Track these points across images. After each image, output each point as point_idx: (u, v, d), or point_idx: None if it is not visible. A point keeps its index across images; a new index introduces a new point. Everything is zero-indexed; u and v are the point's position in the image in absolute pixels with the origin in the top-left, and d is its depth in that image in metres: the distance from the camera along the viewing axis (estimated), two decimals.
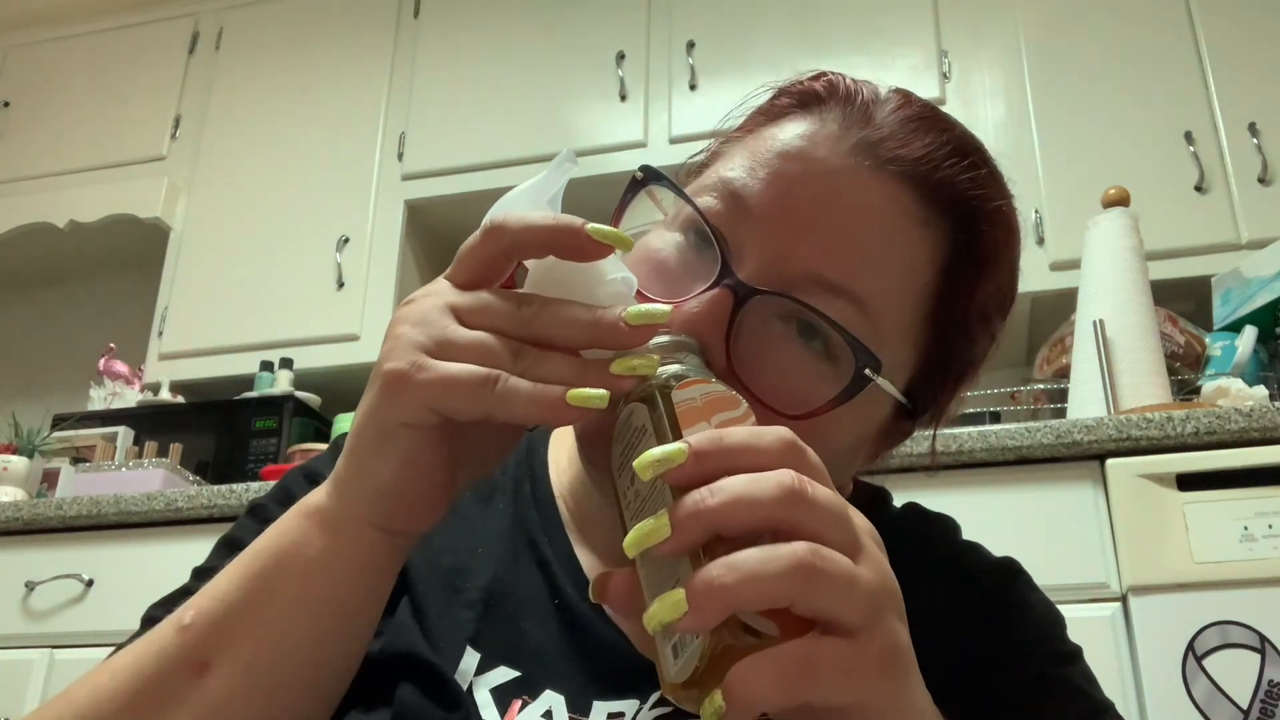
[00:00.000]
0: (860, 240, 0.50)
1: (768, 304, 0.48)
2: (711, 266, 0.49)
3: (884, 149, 0.51)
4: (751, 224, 0.50)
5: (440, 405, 0.39)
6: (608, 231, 0.40)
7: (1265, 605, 1.30)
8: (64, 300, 3.01)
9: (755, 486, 0.33)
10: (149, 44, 2.82)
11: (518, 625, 0.55)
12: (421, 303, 0.41)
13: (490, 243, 0.41)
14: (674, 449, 0.34)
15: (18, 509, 1.82)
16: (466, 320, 0.40)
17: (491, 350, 0.39)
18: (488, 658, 0.53)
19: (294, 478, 0.62)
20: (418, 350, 0.39)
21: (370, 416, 0.41)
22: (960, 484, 1.48)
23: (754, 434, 0.35)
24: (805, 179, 0.50)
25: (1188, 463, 1.39)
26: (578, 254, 0.40)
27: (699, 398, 0.38)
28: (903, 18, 2.28)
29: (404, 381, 0.39)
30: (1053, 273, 2.00)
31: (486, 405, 0.38)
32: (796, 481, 0.34)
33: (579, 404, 0.38)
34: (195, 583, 0.56)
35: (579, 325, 0.40)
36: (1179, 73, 2.07)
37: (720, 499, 0.33)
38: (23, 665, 1.73)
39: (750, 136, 0.55)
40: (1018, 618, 0.60)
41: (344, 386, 2.40)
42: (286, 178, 2.56)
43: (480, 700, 0.52)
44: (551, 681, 0.53)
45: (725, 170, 0.52)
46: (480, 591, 0.56)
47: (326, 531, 0.43)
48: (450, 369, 0.38)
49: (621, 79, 2.39)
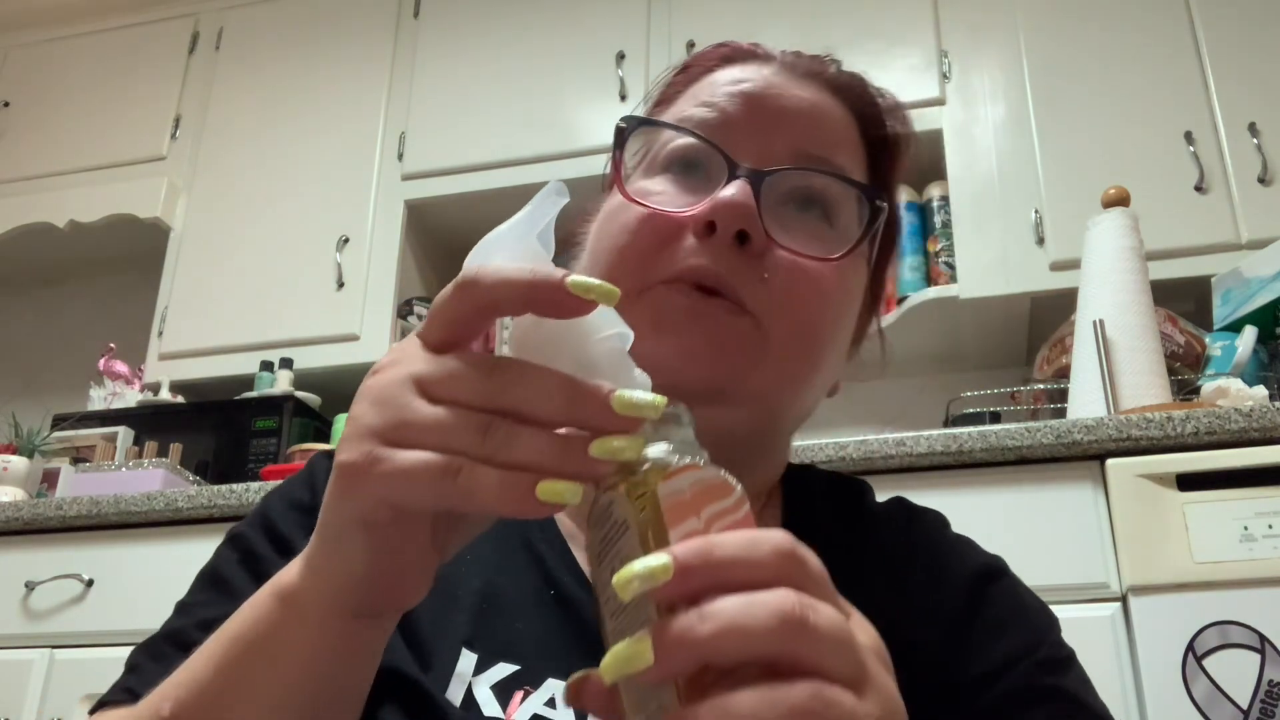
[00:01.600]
0: (821, 122, 0.61)
1: (773, 184, 0.56)
2: (713, 179, 0.57)
3: (799, 68, 0.63)
4: (732, 130, 0.59)
5: (397, 500, 0.35)
6: (591, 285, 0.36)
7: (1265, 605, 1.29)
8: (64, 300, 3.01)
9: (750, 613, 0.30)
10: (149, 44, 2.82)
11: (513, 624, 0.55)
12: (385, 374, 0.37)
13: (463, 299, 0.37)
14: (657, 564, 0.30)
15: (18, 509, 1.82)
16: (431, 393, 0.36)
17: (454, 430, 0.35)
18: (485, 656, 0.54)
19: (274, 505, 0.61)
20: (373, 438, 0.35)
21: (332, 510, 0.38)
22: (960, 484, 1.48)
23: (748, 544, 0.31)
24: (759, 91, 0.60)
25: (1188, 463, 1.39)
26: (557, 311, 0.36)
27: (687, 489, 0.34)
28: (903, 18, 2.28)
29: (358, 476, 0.35)
30: (1053, 273, 2.00)
31: (447, 499, 0.34)
32: (797, 607, 0.30)
33: (550, 499, 0.34)
34: (174, 621, 0.57)
35: (556, 401, 0.35)
36: (1179, 73, 2.07)
37: (711, 627, 0.29)
38: (23, 665, 1.73)
39: (682, 95, 0.64)
40: (1006, 622, 0.59)
41: (344, 386, 2.40)
42: (286, 177, 2.56)
43: (481, 698, 0.52)
44: (552, 670, 0.53)
45: (683, 112, 0.61)
46: (474, 596, 0.56)
47: (301, 621, 0.40)
48: (406, 461, 0.34)
49: (621, 79, 2.39)
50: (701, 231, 0.55)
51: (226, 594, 0.56)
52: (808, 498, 0.65)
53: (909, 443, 1.48)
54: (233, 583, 0.56)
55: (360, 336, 2.36)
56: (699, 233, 0.55)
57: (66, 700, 1.68)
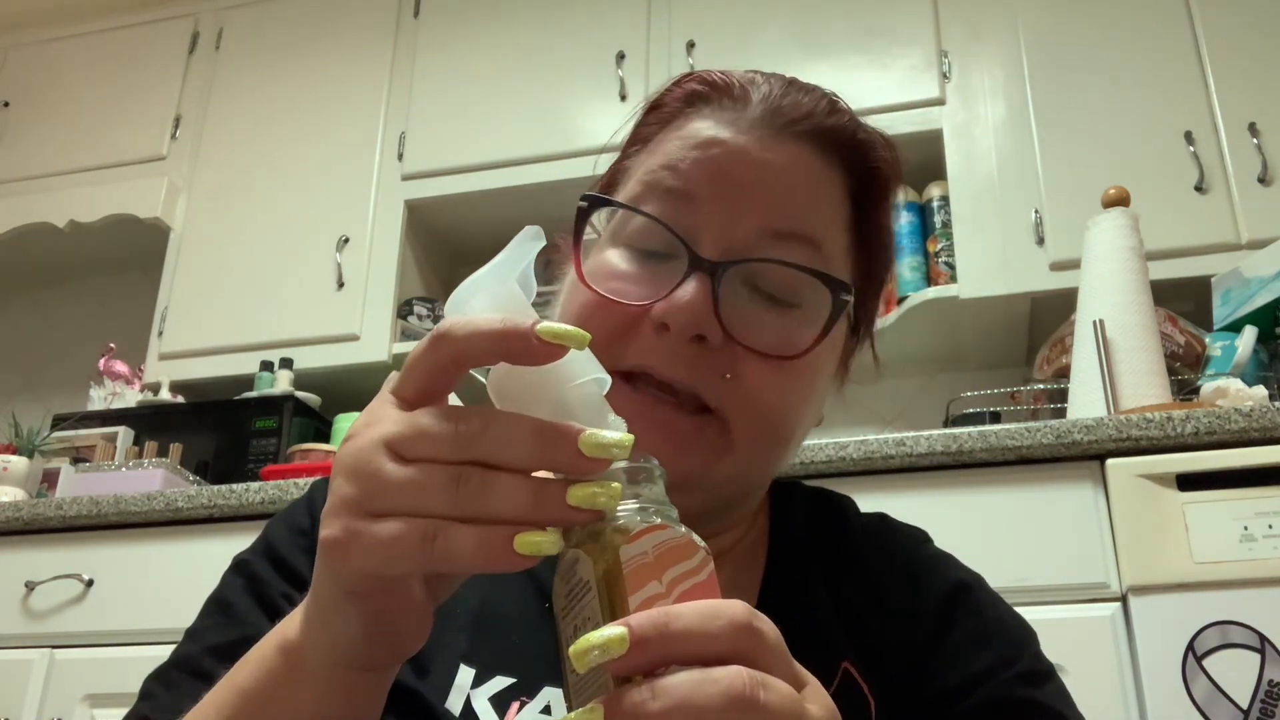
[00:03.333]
0: (792, 191, 0.57)
1: (736, 274, 0.54)
2: (673, 263, 0.55)
3: (778, 118, 0.58)
4: (694, 208, 0.56)
5: (379, 572, 0.36)
6: (560, 331, 0.36)
7: (1265, 605, 1.29)
8: (64, 300, 3.01)
9: (701, 691, 0.30)
10: (149, 44, 2.82)
11: (510, 639, 0.56)
12: (358, 440, 0.37)
13: (435, 353, 0.37)
14: (614, 636, 0.31)
15: (18, 509, 1.82)
16: (403, 454, 0.36)
17: (427, 490, 0.35)
18: (483, 670, 0.55)
19: (277, 531, 0.62)
20: (350, 512, 0.36)
21: (321, 582, 0.39)
22: (960, 484, 1.48)
23: (705, 617, 0.32)
24: (727, 158, 0.57)
25: (1188, 463, 1.39)
26: (530, 359, 0.36)
27: (650, 551, 0.34)
28: (903, 18, 2.28)
29: (340, 552, 0.36)
30: (1053, 273, 2.00)
31: (427, 564, 0.34)
32: (749, 687, 0.31)
33: (528, 552, 0.34)
34: (184, 647, 0.57)
35: (527, 447, 0.35)
36: (1179, 73, 2.07)
37: (661, 705, 0.30)
38: (23, 665, 1.73)
39: (651, 144, 0.61)
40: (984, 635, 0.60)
41: (344, 386, 2.40)
42: (286, 178, 2.56)
43: (480, 709, 0.53)
44: (549, 680, 0.54)
45: (646, 176, 0.58)
46: (470, 615, 0.57)
47: (306, 676, 0.41)
48: (384, 533, 0.35)
49: (621, 79, 2.39)
50: (659, 328, 0.53)
51: (233, 620, 0.57)
52: (791, 516, 0.66)
53: (909, 443, 1.48)
54: (239, 609, 0.57)
55: (360, 336, 2.36)
56: (656, 328, 0.53)
57: (66, 700, 1.68)
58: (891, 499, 1.47)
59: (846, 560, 0.63)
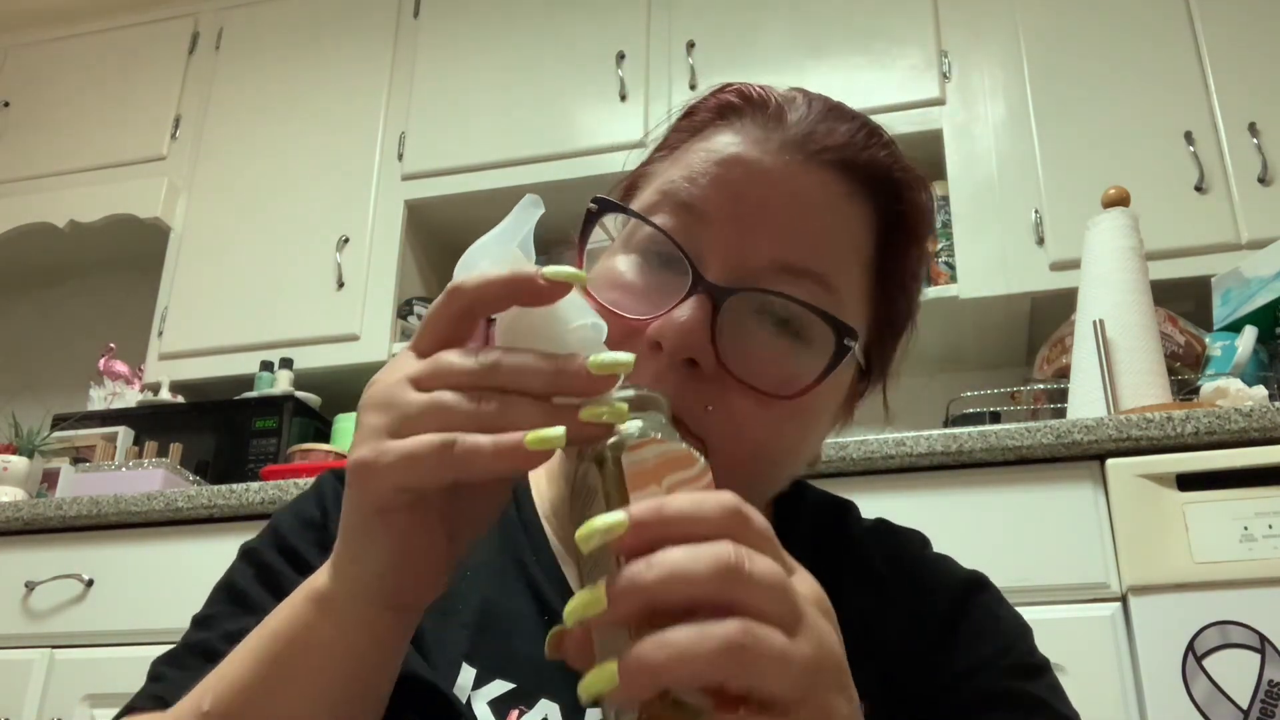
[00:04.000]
0: (810, 225, 0.54)
1: (742, 300, 0.52)
2: (679, 278, 0.52)
3: (810, 143, 0.55)
4: (707, 228, 0.54)
5: (405, 483, 0.39)
6: (562, 271, 0.40)
7: (1265, 605, 1.29)
8: (64, 300, 3.01)
9: (692, 561, 0.33)
10: (149, 44, 2.82)
11: (510, 641, 0.56)
12: (382, 381, 0.41)
13: (450, 304, 0.41)
14: (614, 520, 0.34)
15: (18, 509, 1.82)
16: (425, 386, 0.40)
17: (448, 409, 0.39)
18: (483, 672, 0.55)
19: (285, 521, 0.62)
20: (379, 434, 0.39)
21: (350, 507, 0.41)
22: (960, 484, 1.48)
23: (696, 502, 0.35)
24: (747, 179, 0.54)
25: (1188, 463, 1.39)
26: (536, 298, 0.40)
27: (651, 459, 0.37)
28: (903, 18, 2.28)
29: (368, 469, 0.39)
30: (1053, 273, 2.00)
31: (449, 470, 0.38)
32: (734, 556, 0.33)
33: (539, 446, 0.37)
34: (195, 633, 0.57)
35: (541, 373, 0.39)
36: (1179, 73, 2.07)
37: (656, 574, 0.33)
38: (23, 665, 1.73)
39: (677, 152, 0.59)
40: (981, 631, 0.60)
41: (344, 386, 2.40)
42: (286, 177, 2.56)
43: (479, 713, 0.53)
44: (546, 692, 0.54)
45: (666, 185, 0.56)
46: (473, 612, 0.57)
47: (333, 618, 0.43)
48: (406, 445, 0.38)
49: (621, 79, 2.39)
50: (653, 346, 0.51)
51: (245, 608, 0.57)
52: (795, 518, 0.66)
53: (909, 443, 1.48)
54: (251, 597, 0.57)
55: (360, 336, 2.36)
56: (650, 346, 0.51)
57: (66, 700, 1.68)
58: (891, 499, 1.47)
59: (849, 563, 0.63)
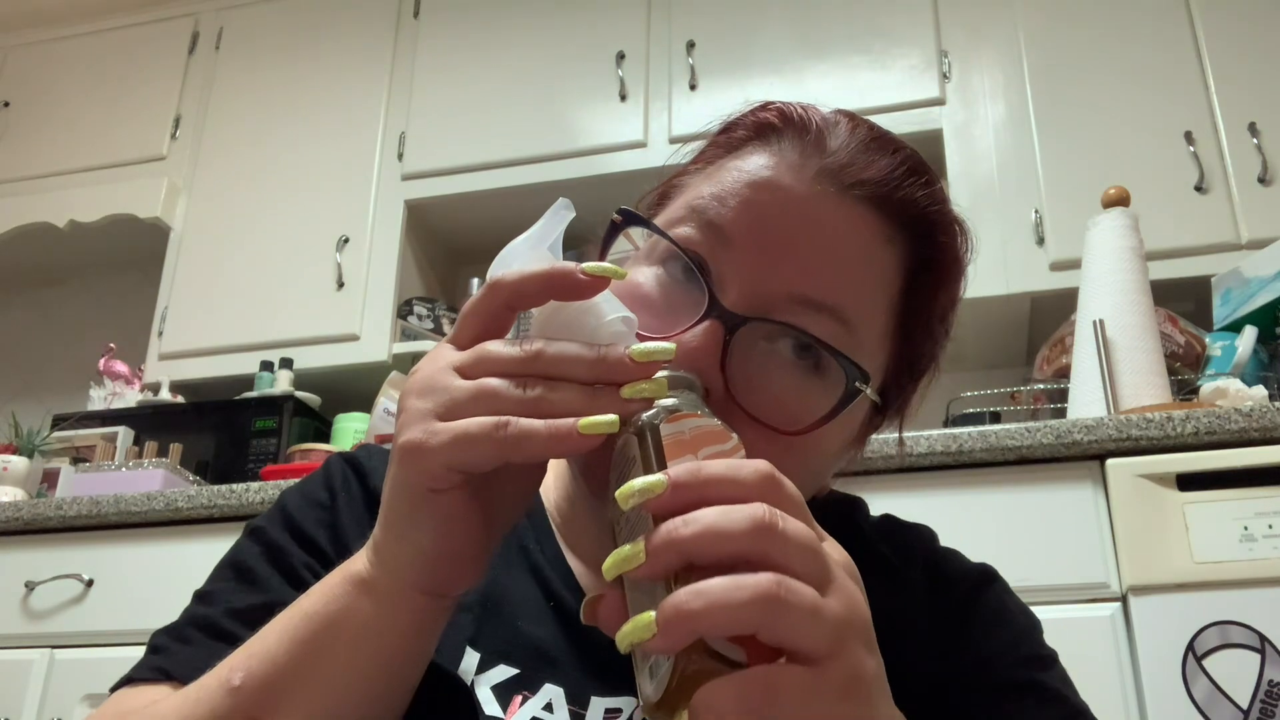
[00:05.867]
0: (835, 259, 0.52)
1: (756, 329, 0.50)
2: (697, 298, 0.51)
3: (846, 175, 0.53)
4: (730, 252, 0.52)
5: (458, 462, 0.40)
6: (601, 266, 0.42)
7: (1265, 605, 1.29)
8: (64, 300, 3.01)
9: (727, 518, 0.34)
10: (149, 44, 2.82)
11: (514, 626, 0.56)
12: (425, 369, 0.42)
13: (490, 298, 0.42)
14: (654, 480, 0.35)
15: (18, 509, 1.82)
16: (470, 374, 0.41)
17: (496, 394, 0.40)
18: (487, 656, 0.55)
19: (293, 500, 0.61)
20: (428, 417, 0.40)
21: (398, 488, 0.42)
22: (960, 484, 1.48)
23: (732, 466, 0.36)
24: (776, 206, 0.52)
25: (1188, 463, 1.39)
26: (575, 292, 0.42)
27: (688, 431, 0.39)
28: (903, 18, 2.28)
29: (420, 449, 0.40)
30: (1053, 273, 2.00)
31: (502, 450, 0.39)
32: (768, 515, 0.34)
33: (591, 431, 0.39)
34: (198, 608, 0.57)
35: (584, 361, 0.41)
36: (1179, 73, 2.07)
37: (693, 529, 0.34)
38: (23, 665, 1.73)
39: (711, 168, 0.57)
40: (993, 623, 0.61)
41: (344, 386, 2.40)
42: (286, 177, 2.56)
43: (483, 697, 0.53)
44: (551, 677, 0.54)
45: (695, 201, 0.54)
46: (477, 595, 0.57)
47: (374, 600, 0.44)
48: (460, 425, 0.39)
49: (621, 79, 2.39)
50: None
51: (251, 584, 0.56)
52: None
53: (909, 443, 1.48)
54: (257, 573, 0.57)
55: (360, 336, 2.36)
56: None
57: (66, 700, 1.68)
58: (891, 499, 1.47)
59: (860, 558, 0.63)
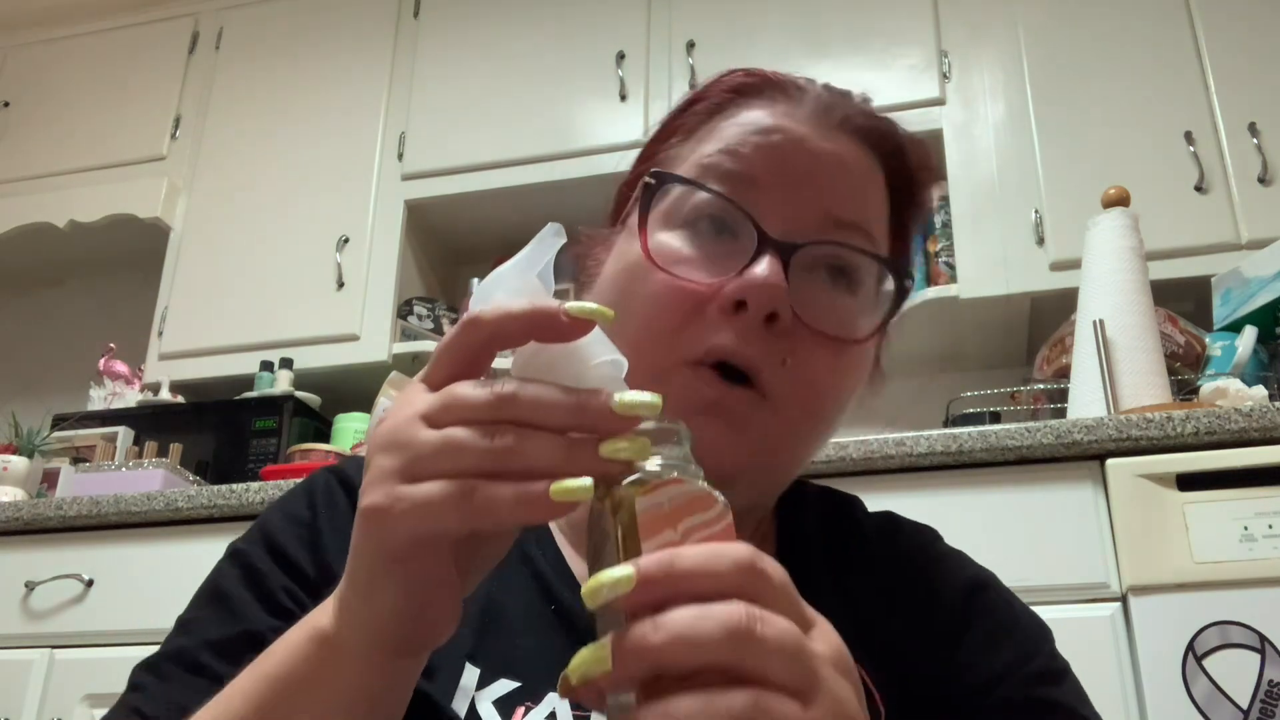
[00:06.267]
0: (849, 183, 0.58)
1: (801, 258, 0.54)
2: (734, 245, 0.55)
3: (832, 115, 0.59)
4: (758, 193, 0.56)
5: (422, 532, 0.37)
6: (586, 308, 0.38)
7: (1265, 605, 1.29)
8: (64, 300, 3.01)
9: (699, 624, 0.31)
10: (149, 44, 2.82)
11: (514, 639, 0.56)
12: (393, 419, 0.39)
13: (468, 336, 0.39)
14: (621, 575, 0.32)
15: (18, 509, 1.82)
16: (438, 421, 0.37)
17: (464, 448, 0.36)
18: (487, 672, 0.54)
19: (273, 520, 0.61)
20: (391, 479, 0.37)
21: (361, 554, 0.39)
22: (960, 484, 1.48)
23: (709, 556, 0.33)
24: (789, 145, 0.58)
25: (1188, 463, 1.39)
26: (558, 335, 0.38)
27: (667, 503, 0.35)
28: (903, 18, 2.28)
29: (383, 517, 0.37)
30: (1053, 273, 2.00)
31: (467, 520, 0.36)
32: (745, 619, 0.31)
33: (564, 498, 0.35)
34: (176, 639, 0.56)
35: (561, 406, 0.37)
36: (1179, 73, 2.07)
37: (662, 637, 0.31)
38: (22, 665, 1.73)
39: (701, 131, 0.61)
40: (995, 635, 0.60)
41: (344, 386, 2.40)
42: (286, 177, 2.56)
43: (484, 713, 0.53)
44: (553, 685, 0.53)
45: (704, 160, 0.58)
46: (476, 610, 0.56)
47: (341, 661, 0.41)
48: (423, 494, 0.36)
49: (621, 79, 2.39)
50: (729, 308, 0.53)
51: (229, 611, 0.56)
52: (800, 516, 0.66)
53: (909, 443, 1.48)
54: (236, 601, 0.56)
55: (360, 336, 2.36)
56: (726, 309, 0.53)
57: (66, 700, 1.68)
58: (891, 499, 1.47)
59: (857, 560, 0.63)
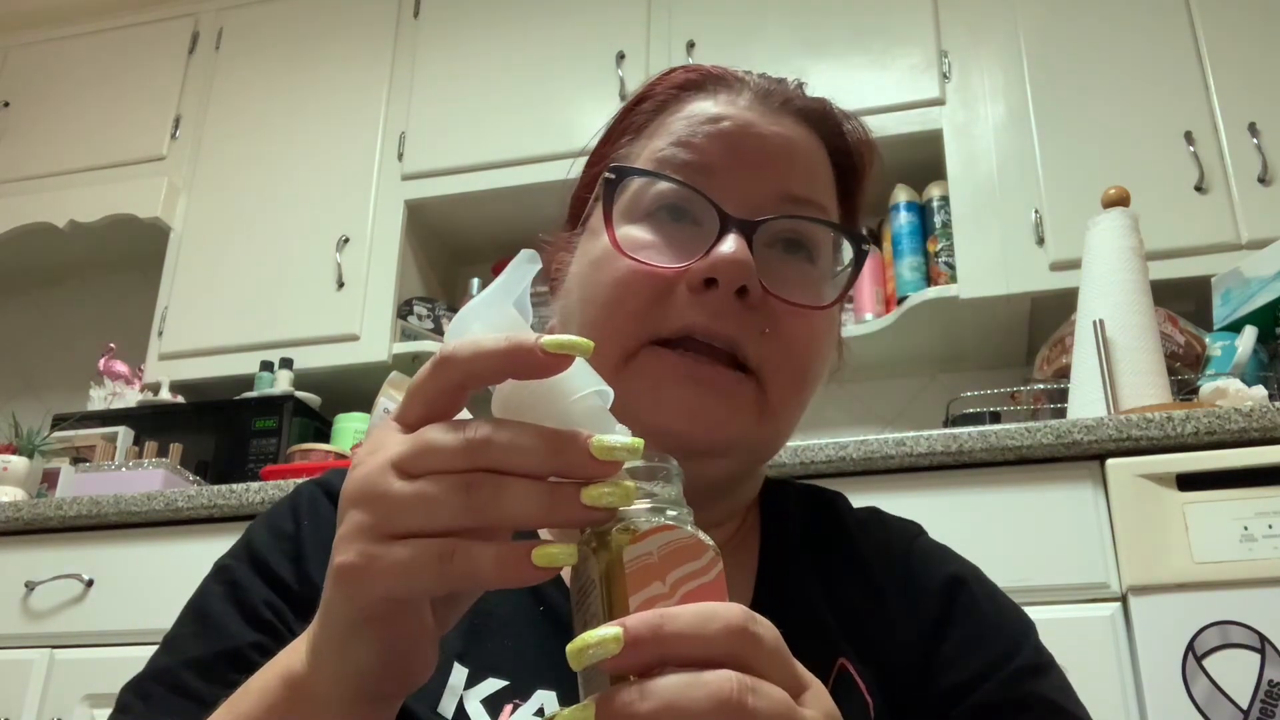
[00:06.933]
0: (798, 161, 0.61)
1: (765, 232, 0.57)
2: (695, 231, 0.57)
3: (773, 100, 0.62)
4: (715, 178, 0.58)
5: (397, 593, 0.35)
6: (563, 341, 0.36)
7: (1265, 605, 1.29)
8: (64, 300, 3.01)
9: (688, 694, 0.30)
10: (149, 44, 2.82)
11: (503, 639, 0.56)
12: (365, 466, 0.37)
13: (441, 376, 0.37)
14: (608, 636, 0.31)
15: (18, 509, 1.82)
16: (411, 471, 0.35)
17: (439, 502, 0.34)
18: (475, 671, 0.54)
19: (258, 534, 0.61)
20: (365, 536, 0.35)
21: (334, 611, 0.38)
22: (960, 484, 1.48)
23: (700, 620, 0.32)
24: (738, 131, 0.60)
25: (1188, 463, 1.39)
26: (536, 371, 0.36)
27: (655, 551, 0.34)
28: (903, 18, 2.28)
29: (357, 577, 0.35)
30: (1053, 273, 2.00)
31: (446, 584, 0.34)
32: (736, 690, 0.31)
33: (546, 564, 0.34)
34: (161, 658, 0.57)
35: (538, 452, 0.35)
36: (1179, 73, 2.07)
37: (649, 706, 0.30)
38: (23, 665, 1.73)
39: (650, 128, 0.64)
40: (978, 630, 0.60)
41: (344, 386, 2.40)
42: (286, 178, 2.56)
43: (473, 711, 0.53)
44: (542, 683, 0.54)
45: (658, 155, 0.60)
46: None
47: (312, 709, 0.40)
48: (401, 556, 0.34)
49: (621, 79, 2.39)
50: (699, 287, 0.55)
51: (211, 629, 0.57)
52: (783, 512, 0.66)
53: (909, 443, 1.48)
54: (218, 618, 0.57)
55: (360, 336, 2.36)
56: (696, 288, 0.55)
57: (66, 700, 1.68)
58: (891, 499, 1.47)
59: (841, 556, 0.63)
